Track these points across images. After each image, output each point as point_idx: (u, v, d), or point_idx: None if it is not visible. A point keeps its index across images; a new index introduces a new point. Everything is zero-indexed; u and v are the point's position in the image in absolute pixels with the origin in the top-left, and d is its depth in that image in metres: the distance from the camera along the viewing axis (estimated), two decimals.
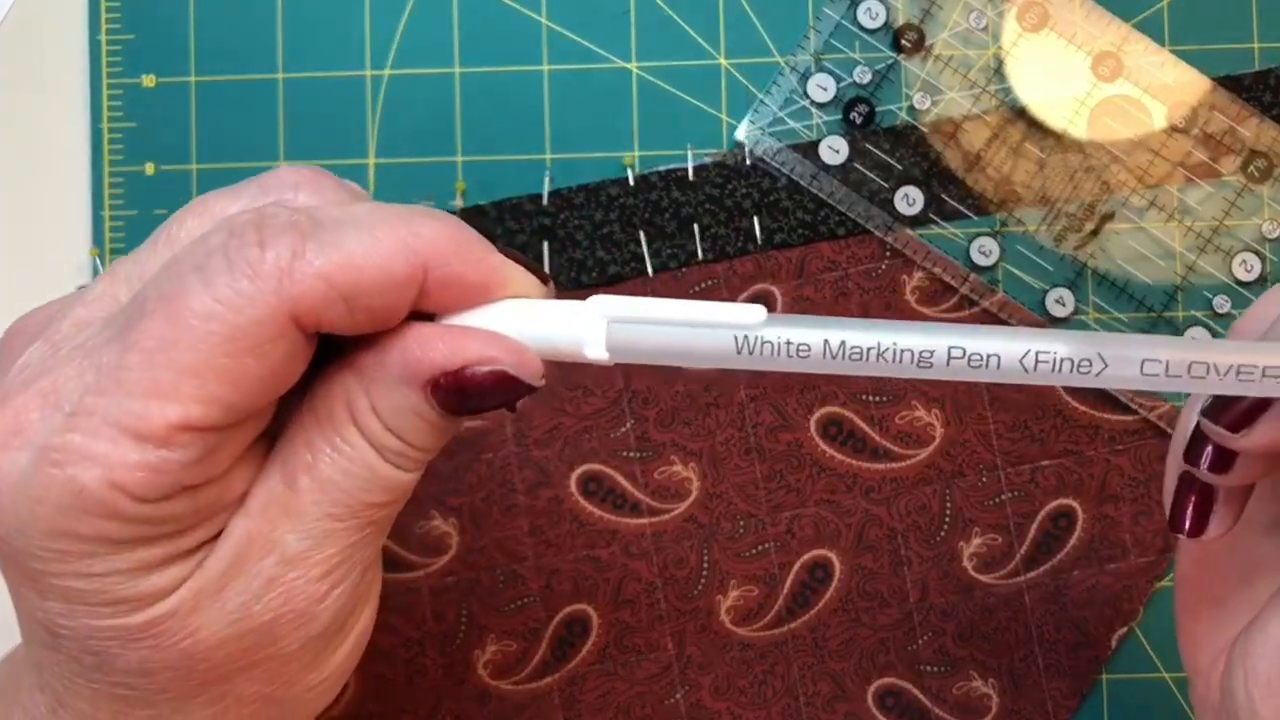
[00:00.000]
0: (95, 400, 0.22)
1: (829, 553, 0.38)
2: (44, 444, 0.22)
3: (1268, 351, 0.24)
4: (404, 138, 0.38)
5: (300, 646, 0.25)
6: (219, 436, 0.23)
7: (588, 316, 0.24)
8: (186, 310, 0.22)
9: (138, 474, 0.22)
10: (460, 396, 0.24)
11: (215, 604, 0.24)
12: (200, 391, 0.22)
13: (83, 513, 0.22)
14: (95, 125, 0.38)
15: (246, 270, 0.22)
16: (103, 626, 0.23)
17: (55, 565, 0.23)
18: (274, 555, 0.24)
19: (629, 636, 0.38)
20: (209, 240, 0.23)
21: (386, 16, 0.38)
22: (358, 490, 0.24)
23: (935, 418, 0.38)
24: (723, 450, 0.38)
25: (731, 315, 0.24)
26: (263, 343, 0.22)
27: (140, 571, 0.23)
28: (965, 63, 0.38)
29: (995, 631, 0.38)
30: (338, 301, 0.23)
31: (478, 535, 0.37)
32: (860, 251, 0.38)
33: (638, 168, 0.38)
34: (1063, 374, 0.24)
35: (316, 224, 0.23)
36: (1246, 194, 0.38)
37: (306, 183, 0.25)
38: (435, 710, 0.37)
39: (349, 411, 0.24)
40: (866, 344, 0.24)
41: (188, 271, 0.22)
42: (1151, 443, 0.38)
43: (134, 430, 0.22)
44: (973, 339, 0.24)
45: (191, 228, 0.25)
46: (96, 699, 0.24)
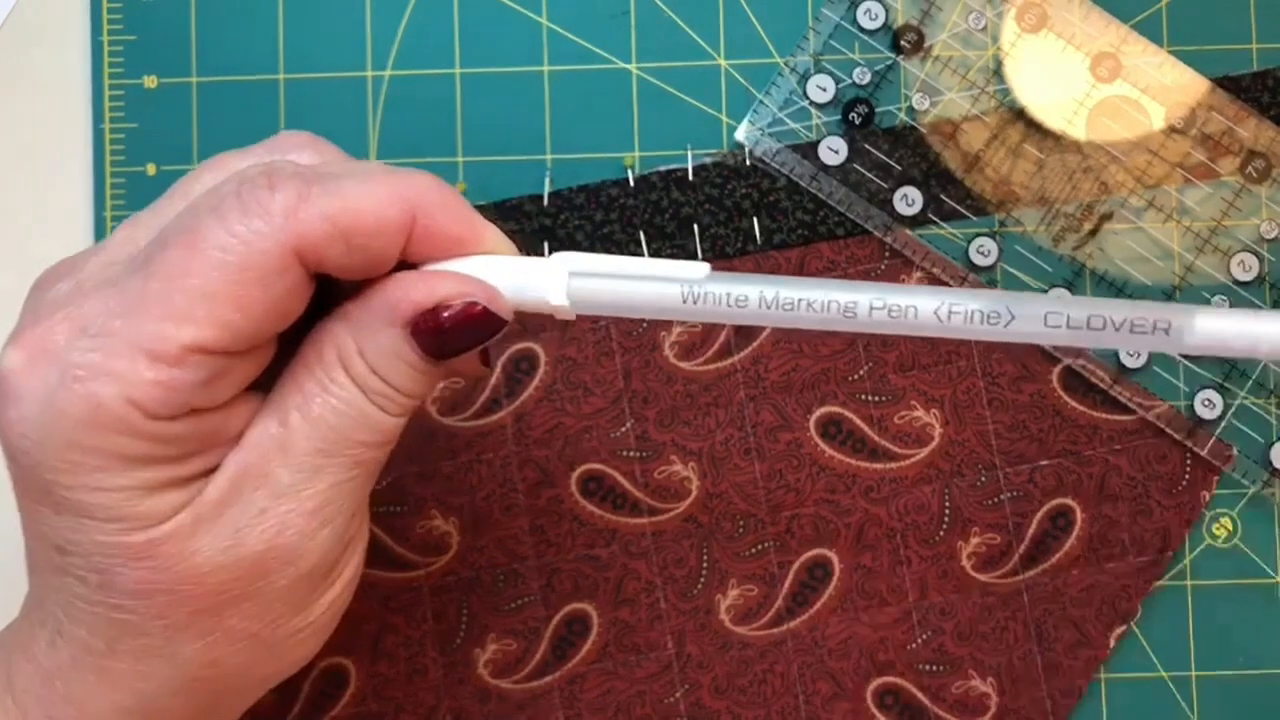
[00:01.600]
0: (117, 323, 0.24)
1: (828, 552, 0.38)
2: (69, 362, 0.24)
3: (1158, 309, 0.27)
4: (404, 138, 0.38)
5: (288, 584, 0.27)
6: (226, 361, 0.25)
7: (551, 269, 0.27)
8: (202, 241, 0.24)
9: (152, 391, 0.24)
10: (437, 336, 0.26)
11: (211, 530, 0.26)
12: (212, 315, 0.24)
13: (100, 426, 0.24)
14: (97, 126, 0.38)
15: (257, 209, 0.25)
16: (108, 543, 0.25)
17: (70, 478, 0.25)
18: (267, 488, 0.26)
19: (629, 636, 0.38)
20: (222, 188, 0.25)
21: (387, 17, 0.39)
22: (345, 428, 0.27)
23: (934, 417, 0.38)
24: (722, 450, 0.38)
25: (678, 270, 0.27)
26: (269, 274, 0.25)
27: (145, 491, 0.25)
28: (964, 63, 0.38)
29: (994, 630, 0.38)
30: (338, 241, 0.25)
31: (478, 535, 0.38)
32: (859, 252, 0.38)
33: (638, 168, 0.38)
34: (974, 325, 0.27)
35: (320, 175, 0.26)
36: (1245, 194, 0.38)
37: (308, 145, 0.28)
38: (435, 709, 0.37)
39: (337, 354, 0.27)
40: (797, 297, 0.27)
41: (204, 211, 0.25)
42: (1150, 442, 0.38)
43: (150, 350, 0.24)
44: (892, 294, 0.27)
45: (206, 181, 0.27)
46: (95, 624, 0.26)
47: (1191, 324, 0.27)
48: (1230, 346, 0.27)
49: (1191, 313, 0.27)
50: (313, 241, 0.25)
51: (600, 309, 0.27)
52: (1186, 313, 0.27)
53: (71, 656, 0.27)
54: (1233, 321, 0.27)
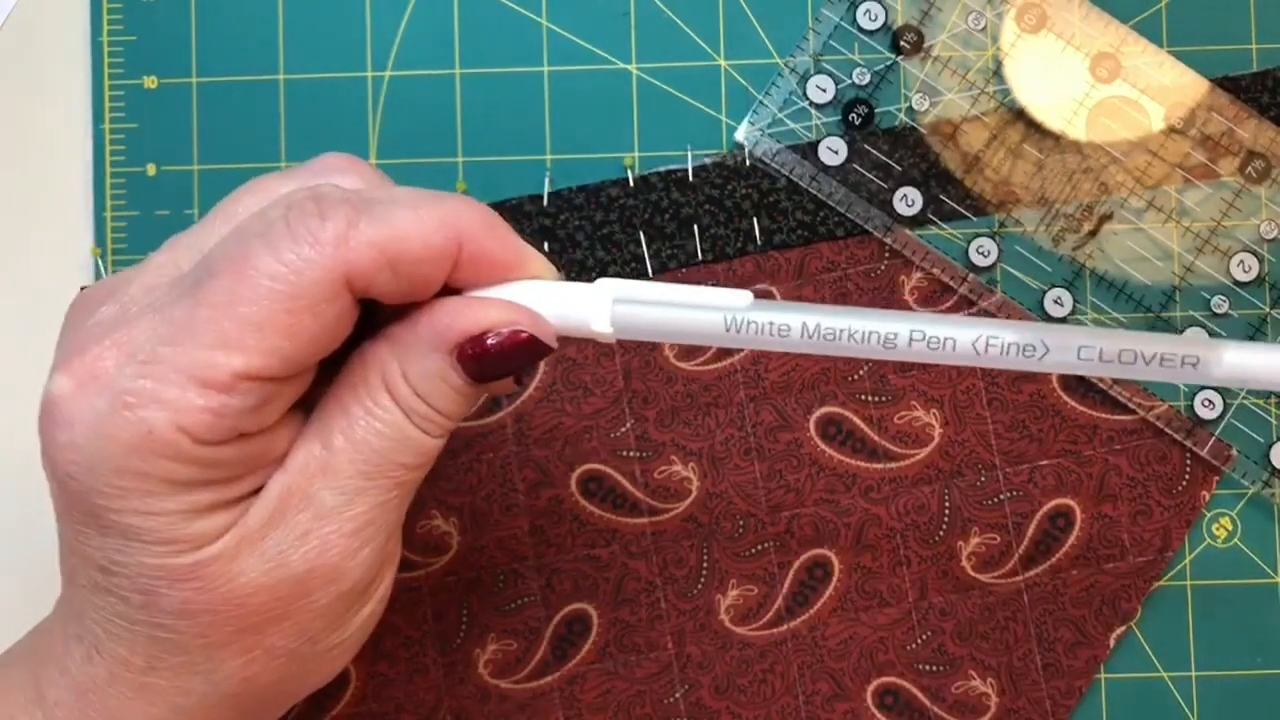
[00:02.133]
0: (166, 350, 0.24)
1: (828, 552, 0.38)
2: (119, 388, 0.25)
3: (1187, 343, 0.27)
4: (405, 139, 0.38)
5: (328, 602, 0.27)
6: (273, 387, 0.25)
7: (595, 296, 0.27)
8: (253, 270, 0.24)
9: (202, 417, 0.24)
10: (483, 361, 0.27)
11: (255, 552, 0.26)
12: (263, 344, 0.25)
13: (150, 452, 0.24)
14: (97, 126, 0.38)
15: (308, 237, 0.25)
16: (154, 565, 0.25)
17: (119, 502, 0.25)
18: (310, 509, 0.26)
19: (629, 635, 0.38)
20: (269, 213, 0.25)
21: (387, 18, 0.39)
22: (389, 450, 0.27)
23: (934, 418, 0.38)
24: (722, 450, 0.38)
25: (722, 299, 0.28)
26: (319, 302, 0.25)
27: (192, 514, 0.25)
28: (964, 64, 0.38)
29: (994, 631, 0.38)
30: (386, 269, 0.25)
31: (478, 535, 0.38)
32: (859, 252, 0.38)
33: (638, 168, 0.38)
34: (1010, 357, 0.27)
35: (367, 201, 0.26)
36: (1244, 195, 0.38)
37: (350, 168, 0.28)
38: (435, 709, 0.37)
39: (382, 378, 0.27)
40: (839, 326, 0.27)
41: (252, 238, 0.25)
42: (1150, 442, 0.38)
43: (201, 377, 0.24)
44: (931, 325, 0.27)
45: (249, 204, 0.27)
46: (135, 642, 0.26)
47: (1220, 358, 0.27)
48: (1257, 379, 0.28)
49: (1219, 347, 0.27)
50: (362, 269, 0.25)
51: (643, 335, 0.28)
52: (1214, 347, 0.27)
53: (110, 672, 0.27)
54: (1260, 355, 0.28)
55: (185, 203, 0.38)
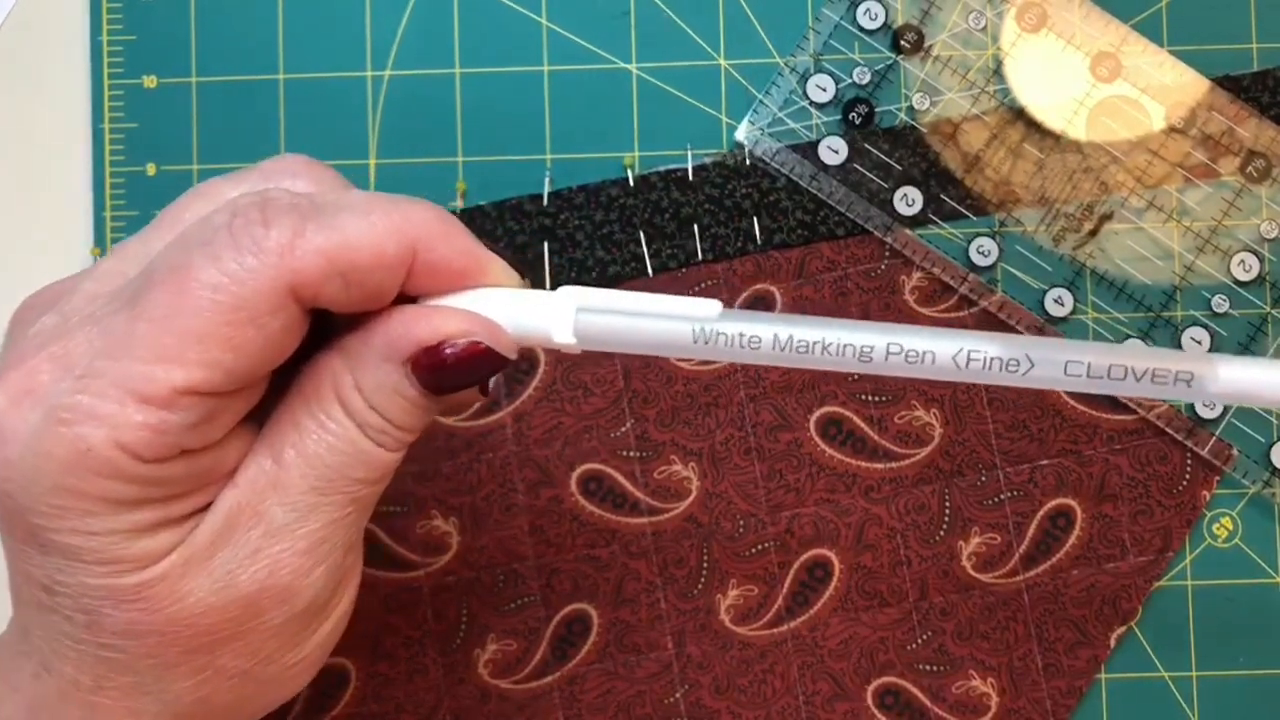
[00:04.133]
0: (104, 364, 0.23)
1: (828, 552, 0.38)
2: (54, 404, 0.23)
3: (1180, 358, 0.26)
4: (404, 138, 0.38)
5: (282, 622, 0.26)
6: (218, 402, 0.24)
7: (558, 305, 0.26)
8: (194, 281, 0.23)
9: (141, 434, 0.23)
10: (438, 372, 0.26)
11: (203, 571, 0.25)
12: (204, 357, 0.23)
13: (87, 470, 0.23)
14: (96, 125, 0.38)
15: (251, 246, 0.24)
16: (97, 585, 0.24)
17: (57, 522, 0.24)
18: (260, 526, 0.25)
19: (629, 636, 0.38)
20: (213, 219, 0.24)
21: (387, 17, 0.39)
22: (342, 465, 0.26)
23: (934, 417, 0.38)
24: (722, 450, 0.38)
25: (689, 308, 0.26)
26: (263, 314, 0.24)
27: (135, 533, 0.24)
28: (964, 63, 0.38)
29: (994, 631, 0.38)
30: (335, 278, 0.24)
31: (478, 535, 0.38)
32: (860, 252, 0.38)
33: (638, 168, 0.38)
34: (993, 372, 0.26)
35: (316, 206, 0.24)
36: (1245, 194, 0.38)
37: (303, 170, 0.27)
38: (435, 709, 0.37)
39: (334, 389, 0.26)
40: (812, 339, 0.26)
41: (194, 246, 0.24)
42: (1150, 442, 0.38)
43: (140, 392, 0.23)
44: (910, 337, 0.26)
45: (196, 209, 0.26)
46: (82, 662, 0.25)
47: (1215, 373, 0.26)
48: (1254, 396, 0.27)
49: (1214, 362, 0.26)
50: (308, 279, 0.24)
51: (607, 346, 0.27)
52: (1209, 362, 0.26)
53: (59, 690, 0.26)
54: (1255, 371, 0.27)
55: None
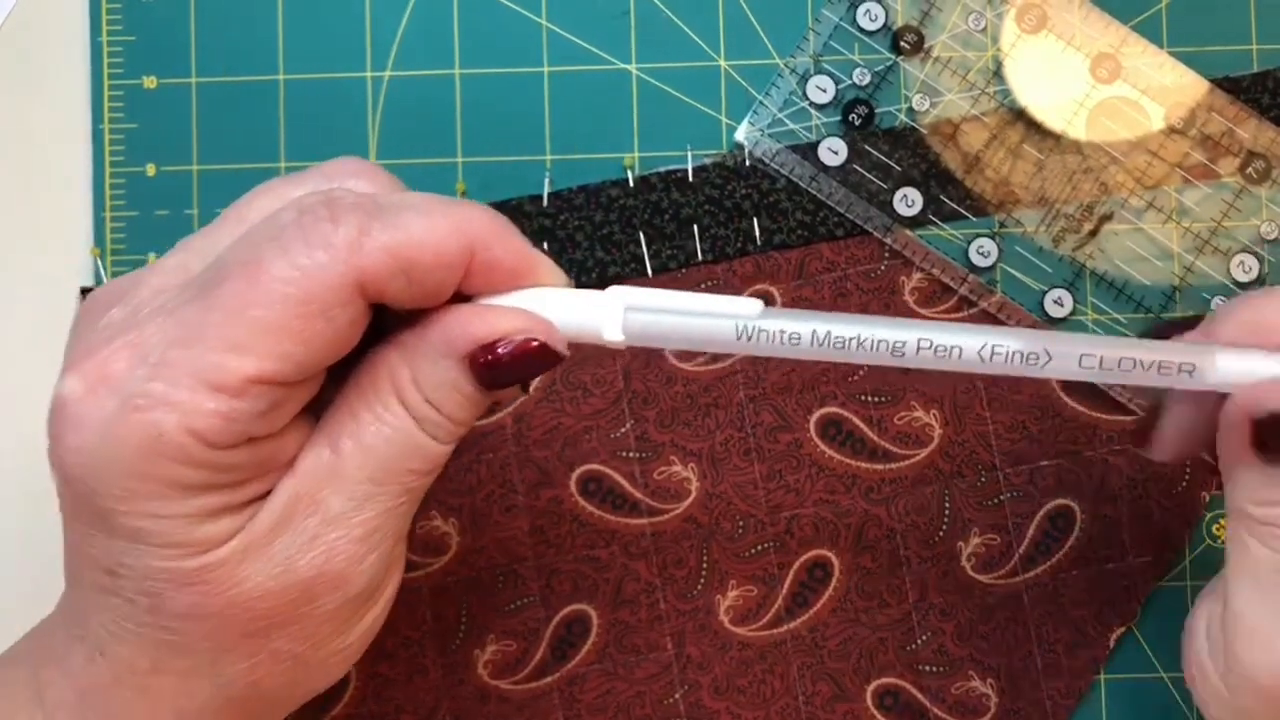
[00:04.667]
0: (178, 353, 0.24)
1: (828, 553, 0.38)
2: (129, 390, 0.24)
3: (1185, 351, 0.29)
4: (404, 139, 0.38)
5: (335, 607, 0.27)
6: (284, 391, 0.25)
7: (607, 304, 0.27)
8: (266, 274, 0.24)
9: (213, 421, 0.24)
10: (494, 368, 0.27)
11: (262, 556, 0.26)
12: (274, 348, 0.24)
13: (160, 455, 0.24)
14: (96, 126, 0.38)
15: (320, 241, 0.24)
16: (161, 568, 0.25)
17: (127, 504, 0.25)
18: (318, 515, 0.26)
19: (628, 636, 0.38)
20: (281, 216, 0.25)
21: (387, 18, 0.39)
22: (397, 456, 0.27)
23: (934, 418, 0.38)
24: (722, 450, 0.38)
25: (733, 307, 0.28)
26: (332, 307, 0.25)
27: (200, 518, 0.25)
28: (964, 64, 0.38)
29: (994, 631, 0.38)
30: (399, 274, 0.25)
31: (478, 535, 0.38)
32: (859, 252, 0.38)
33: (638, 169, 0.38)
34: (1014, 365, 0.28)
35: (380, 206, 0.25)
36: (1244, 195, 0.38)
37: (362, 171, 0.28)
38: (435, 710, 0.37)
39: (392, 384, 0.27)
40: (848, 335, 0.28)
41: (264, 241, 0.25)
42: None
43: (212, 381, 0.24)
44: (938, 333, 0.28)
45: (260, 206, 0.27)
46: (141, 644, 0.26)
47: (1213, 363, 0.29)
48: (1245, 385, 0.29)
49: (1213, 352, 0.29)
50: (375, 275, 0.25)
51: (654, 342, 0.28)
52: (1208, 352, 0.29)
53: (113, 674, 0.27)
54: (1252, 362, 0.29)
55: (185, 203, 0.38)
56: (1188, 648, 0.31)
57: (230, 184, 0.38)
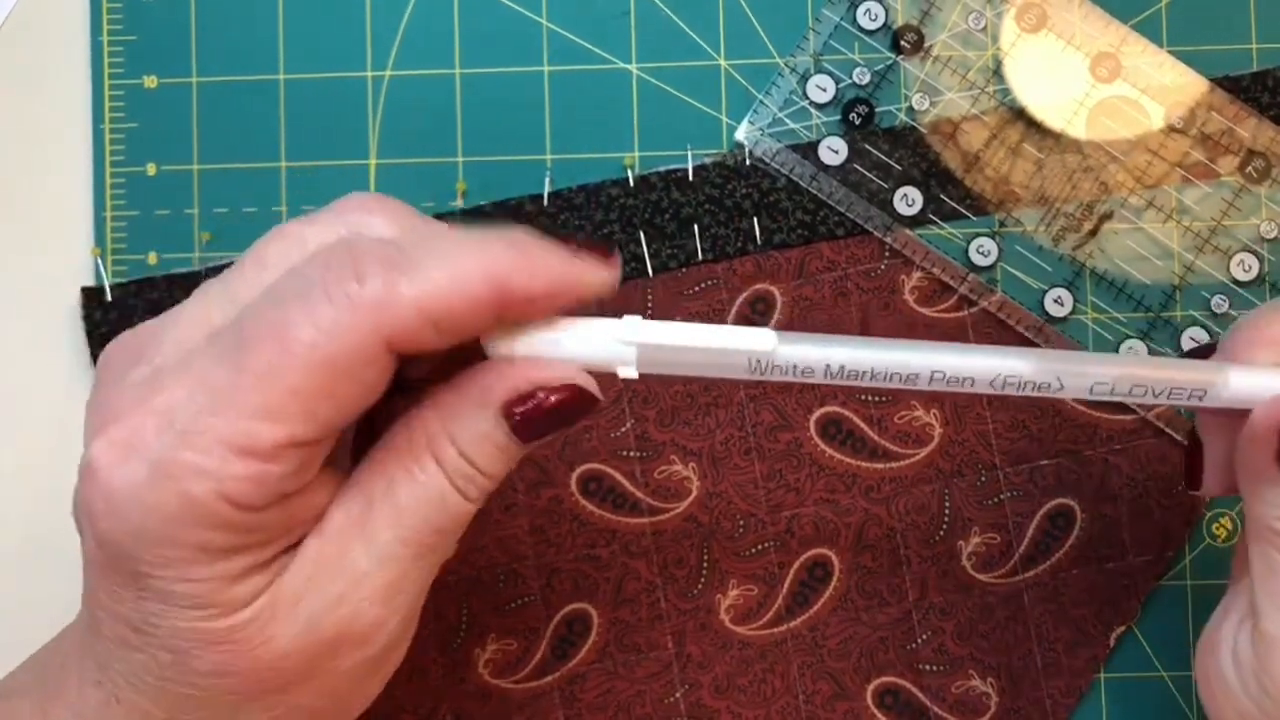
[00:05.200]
0: (207, 420, 0.24)
1: (828, 552, 0.38)
2: (159, 458, 0.24)
3: (1196, 370, 0.29)
4: (405, 138, 0.38)
5: (355, 665, 0.27)
6: (313, 450, 0.25)
7: (622, 340, 0.27)
8: (293, 340, 0.24)
9: (244, 486, 0.24)
10: (532, 417, 0.27)
11: (290, 616, 0.26)
12: (304, 410, 0.24)
13: (192, 521, 0.24)
14: (97, 126, 0.38)
15: (345, 302, 0.24)
16: (189, 628, 0.25)
17: (161, 570, 0.25)
18: (346, 575, 0.26)
19: (629, 635, 0.38)
20: (305, 272, 0.25)
21: (387, 17, 0.39)
22: (427, 516, 0.27)
23: (934, 417, 0.38)
24: (722, 450, 0.38)
25: (748, 341, 0.27)
26: (360, 366, 0.25)
27: (230, 579, 0.25)
28: (964, 64, 0.39)
29: (994, 630, 0.38)
30: (429, 327, 0.25)
31: (478, 534, 0.38)
32: (859, 252, 0.38)
33: (638, 168, 0.38)
34: (1026, 392, 0.29)
35: (405, 256, 0.25)
36: (1244, 194, 0.38)
37: (379, 208, 0.27)
38: (435, 709, 0.37)
39: (427, 442, 0.27)
40: (861, 366, 0.28)
41: (289, 300, 0.24)
42: (1150, 442, 0.38)
43: (243, 447, 0.24)
44: (951, 358, 0.28)
45: (278, 250, 0.27)
46: (160, 697, 0.26)
47: (1226, 381, 0.29)
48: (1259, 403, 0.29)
49: (1224, 370, 0.29)
50: (405, 331, 0.25)
51: (666, 371, 0.28)
52: (1220, 371, 0.29)
53: (125, 718, 0.27)
54: (1265, 378, 0.29)
55: (185, 203, 0.38)
56: (1205, 665, 0.31)
57: (230, 183, 0.38)
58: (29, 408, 0.38)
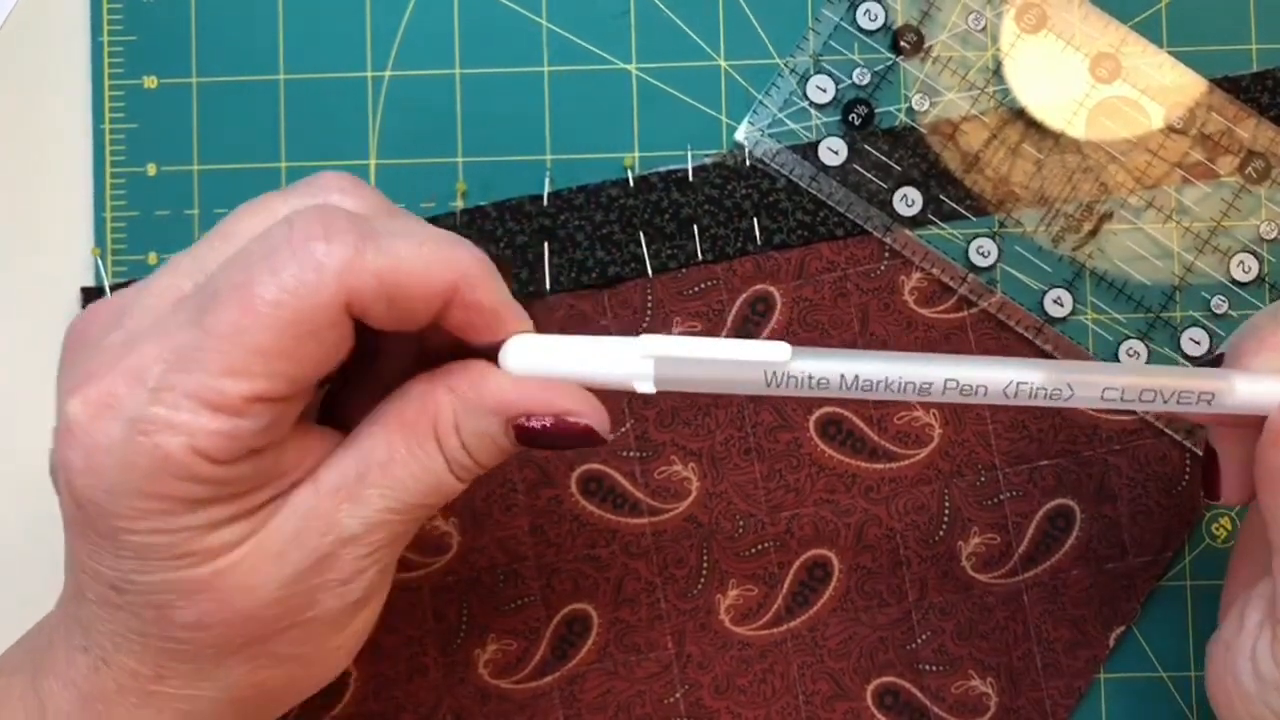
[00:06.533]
0: (177, 377, 0.25)
1: (828, 552, 0.38)
2: (133, 415, 0.25)
3: (1205, 379, 0.29)
4: (404, 138, 0.38)
5: (335, 612, 0.28)
6: (282, 406, 0.26)
7: (639, 356, 0.28)
8: (258, 298, 0.25)
9: (216, 440, 0.25)
10: (538, 435, 0.28)
11: (273, 566, 0.27)
12: (269, 368, 0.25)
13: (167, 475, 0.25)
14: (97, 126, 0.38)
15: (311, 262, 0.25)
16: (171, 580, 0.26)
17: (138, 523, 0.25)
18: (332, 533, 0.27)
19: (629, 635, 0.38)
20: (273, 233, 0.26)
21: (387, 17, 0.39)
22: (420, 492, 0.28)
23: (934, 418, 0.38)
24: (722, 450, 0.38)
25: (761, 353, 0.28)
26: (322, 328, 0.25)
27: (210, 528, 0.26)
28: (964, 64, 0.39)
29: (994, 630, 0.38)
30: (383, 299, 0.26)
31: (478, 535, 0.38)
32: (859, 252, 0.38)
33: (638, 169, 0.38)
34: (1038, 399, 0.29)
35: (373, 229, 0.26)
36: (1244, 194, 0.38)
37: (351, 188, 0.28)
38: (435, 709, 0.37)
39: (434, 425, 0.28)
40: (876, 377, 0.28)
41: (256, 261, 0.25)
42: (1149, 442, 0.38)
43: (213, 403, 0.25)
44: (963, 370, 0.29)
45: (249, 224, 0.27)
46: (145, 654, 0.27)
47: (1232, 387, 0.29)
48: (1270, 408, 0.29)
49: (1230, 377, 0.29)
50: (361, 298, 0.25)
51: (683, 387, 0.29)
52: (1226, 377, 0.29)
53: (117, 683, 0.27)
54: (1271, 385, 0.29)
55: (185, 203, 0.38)
56: (1219, 673, 0.31)
57: (230, 184, 0.38)
58: (29, 408, 0.38)
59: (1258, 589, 0.30)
